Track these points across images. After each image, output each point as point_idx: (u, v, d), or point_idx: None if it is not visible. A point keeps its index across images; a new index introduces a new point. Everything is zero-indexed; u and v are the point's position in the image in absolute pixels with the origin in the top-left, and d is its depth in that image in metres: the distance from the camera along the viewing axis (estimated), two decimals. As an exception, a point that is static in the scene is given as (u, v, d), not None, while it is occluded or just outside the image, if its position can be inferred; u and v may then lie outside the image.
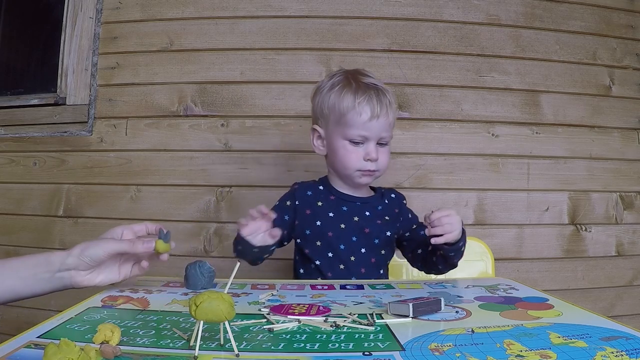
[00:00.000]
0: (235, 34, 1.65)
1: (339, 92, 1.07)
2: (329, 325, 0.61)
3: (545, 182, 1.65)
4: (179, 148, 1.63)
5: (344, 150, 1.07)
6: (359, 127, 1.05)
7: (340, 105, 1.06)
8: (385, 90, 1.08)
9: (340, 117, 1.06)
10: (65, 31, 1.72)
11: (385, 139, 1.08)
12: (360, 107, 1.04)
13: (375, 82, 1.08)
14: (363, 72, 1.12)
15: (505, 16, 1.68)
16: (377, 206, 1.15)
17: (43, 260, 0.74)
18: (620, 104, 1.71)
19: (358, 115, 1.04)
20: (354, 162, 1.07)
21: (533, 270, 1.63)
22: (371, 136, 1.06)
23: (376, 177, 1.12)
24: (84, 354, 0.45)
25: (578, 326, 0.60)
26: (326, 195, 1.14)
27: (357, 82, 1.07)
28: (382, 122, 1.05)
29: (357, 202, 1.13)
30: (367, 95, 1.05)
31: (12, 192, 1.67)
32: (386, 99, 1.06)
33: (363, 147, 1.07)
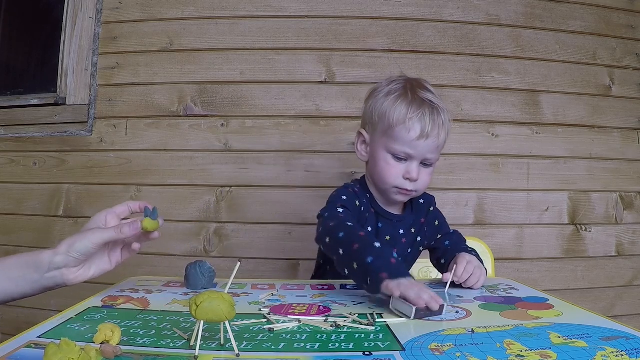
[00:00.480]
0: (235, 34, 1.65)
1: (394, 101, 1.00)
2: (329, 325, 0.61)
3: (545, 182, 1.65)
4: (179, 148, 1.63)
5: (384, 163, 1.02)
6: (406, 144, 0.99)
7: (391, 117, 0.99)
8: (441, 109, 1.01)
9: (389, 128, 1.00)
10: (65, 31, 1.72)
11: (430, 160, 1.02)
12: (411, 124, 0.97)
13: (432, 99, 1.01)
14: (424, 85, 1.05)
15: (505, 16, 1.68)
16: (410, 219, 1.10)
17: (32, 261, 0.72)
18: (620, 104, 1.71)
19: (407, 131, 0.98)
20: (393, 178, 1.01)
21: (533, 270, 1.63)
22: (416, 155, 1.00)
23: (412, 197, 1.06)
24: (85, 354, 0.45)
25: (578, 326, 0.60)
26: (368, 207, 1.07)
27: (413, 95, 1.01)
28: (430, 142, 0.98)
29: (394, 220, 1.08)
30: (420, 111, 0.98)
31: (12, 192, 1.67)
32: (440, 118, 0.99)
33: (406, 164, 1.01)
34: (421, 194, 1.07)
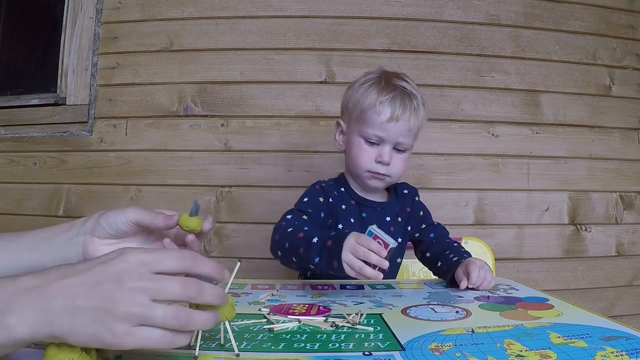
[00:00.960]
0: (235, 34, 1.65)
1: (367, 88, 1.04)
2: (329, 325, 0.61)
3: (545, 182, 1.65)
4: (179, 148, 1.63)
5: (357, 148, 1.05)
6: (376, 126, 1.01)
7: (364, 102, 1.03)
8: (414, 95, 1.04)
9: (361, 113, 1.03)
10: (65, 31, 1.72)
11: (403, 144, 1.04)
12: (381, 107, 1.01)
13: (405, 86, 1.04)
14: (400, 75, 1.08)
15: (505, 16, 1.68)
16: (396, 207, 1.12)
17: (67, 225, 0.65)
18: (620, 104, 1.71)
19: (377, 114, 1.01)
20: (365, 161, 1.04)
21: (533, 270, 1.63)
22: (387, 138, 1.02)
23: (388, 183, 1.08)
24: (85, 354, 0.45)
25: (578, 326, 0.60)
26: (347, 199, 1.09)
27: (386, 82, 1.04)
28: (401, 125, 1.01)
29: (377, 208, 1.10)
30: (391, 95, 1.01)
31: (12, 192, 1.67)
32: (412, 103, 1.02)
33: (378, 148, 1.03)
34: (396, 179, 1.09)
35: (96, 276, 0.44)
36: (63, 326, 0.42)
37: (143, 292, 0.44)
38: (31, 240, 0.64)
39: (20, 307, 0.42)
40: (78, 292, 0.43)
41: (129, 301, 0.43)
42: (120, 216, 0.63)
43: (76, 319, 0.42)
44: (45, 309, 0.42)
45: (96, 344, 0.43)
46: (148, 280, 0.45)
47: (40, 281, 0.43)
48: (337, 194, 1.08)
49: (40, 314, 0.42)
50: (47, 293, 0.43)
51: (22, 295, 0.42)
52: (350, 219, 1.07)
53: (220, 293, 0.49)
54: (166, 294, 0.45)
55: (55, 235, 0.64)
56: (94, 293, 0.43)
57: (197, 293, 0.46)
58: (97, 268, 0.45)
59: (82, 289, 0.43)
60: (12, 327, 0.41)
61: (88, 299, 0.43)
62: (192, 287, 0.46)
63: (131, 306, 0.43)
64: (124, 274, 0.44)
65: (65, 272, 0.45)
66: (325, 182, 1.11)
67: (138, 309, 0.43)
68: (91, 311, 0.43)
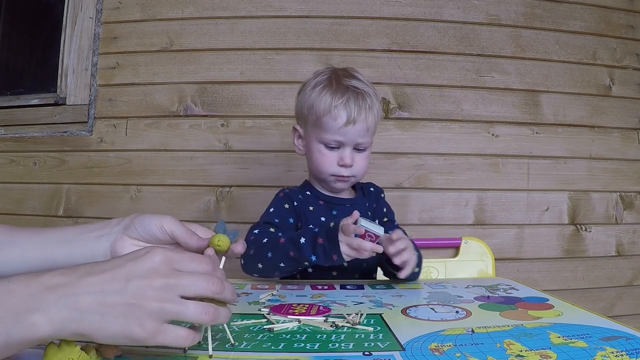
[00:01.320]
0: (235, 34, 1.65)
1: (319, 92, 1.03)
2: (329, 325, 0.61)
3: (545, 182, 1.65)
4: (179, 148, 1.63)
5: (318, 154, 1.05)
6: (334, 132, 1.01)
7: (318, 108, 1.02)
8: (366, 93, 1.03)
9: (317, 119, 1.03)
10: (65, 31, 1.72)
11: (362, 144, 1.04)
12: (337, 112, 1.00)
13: (357, 85, 1.03)
14: (349, 73, 1.08)
15: (505, 16, 1.68)
16: (365, 202, 1.14)
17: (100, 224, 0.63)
18: (620, 104, 1.71)
19: (333, 119, 1.00)
20: (328, 166, 1.04)
21: (533, 270, 1.63)
22: (347, 141, 1.02)
23: (353, 182, 1.09)
24: (84, 354, 0.45)
25: (578, 326, 0.60)
26: (315, 201, 1.11)
27: (337, 84, 1.03)
28: (358, 127, 1.01)
29: (346, 205, 1.11)
30: (344, 98, 1.00)
31: (12, 192, 1.67)
32: (366, 102, 1.02)
33: (338, 151, 1.04)
34: (361, 177, 1.10)
35: (126, 273, 0.45)
36: (92, 323, 0.42)
37: (174, 288, 0.45)
38: (59, 235, 0.63)
39: (46, 304, 0.42)
40: (108, 289, 0.43)
41: (162, 297, 0.44)
42: (156, 221, 0.61)
43: (106, 315, 0.43)
44: (72, 306, 0.42)
45: (125, 340, 0.44)
46: (177, 277, 0.46)
47: (66, 278, 0.44)
48: (303, 198, 1.10)
49: (67, 311, 0.42)
50: (74, 290, 0.43)
51: (47, 292, 0.42)
52: (320, 218, 1.08)
53: (234, 290, 0.50)
54: (195, 290, 0.46)
55: (85, 232, 0.63)
56: (125, 289, 0.44)
57: (221, 289, 0.48)
58: (127, 265, 0.45)
59: (113, 285, 0.44)
60: (36, 324, 0.41)
61: (119, 295, 0.43)
62: (217, 284, 0.47)
63: (165, 302, 0.44)
64: (154, 270, 0.45)
65: (93, 269, 0.45)
66: (288, 189, 1.13)
67: (172, 305, 0.45)
68: (122, 307, 0.43)
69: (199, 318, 0.46)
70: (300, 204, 1.09)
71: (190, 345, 0.46)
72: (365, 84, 1.05)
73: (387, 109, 1.63)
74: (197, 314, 0.45)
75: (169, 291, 0.45)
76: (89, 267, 0.45)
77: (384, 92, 1.63)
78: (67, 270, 0.45)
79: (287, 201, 1.09)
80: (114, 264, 0.46)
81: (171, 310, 0.45)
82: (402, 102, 1.63)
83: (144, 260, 0.46)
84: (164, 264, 0.46)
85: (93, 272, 0.45)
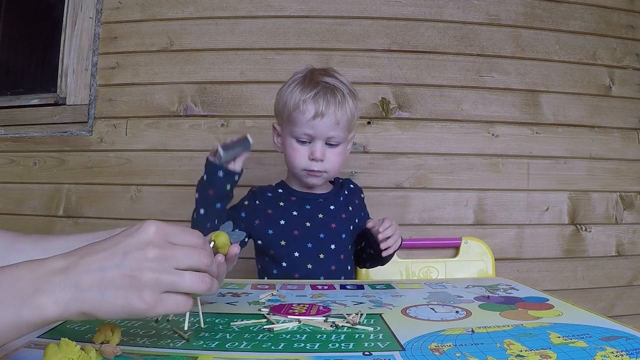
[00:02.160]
0: (235, 34, 1.65)
1: (292, 89, 1.06)
2: (329, 325, 0.61)
3: (545, 182, 1.65)
4: (179, 148, 1.63)
5: (291, 149, 1.08)
6: (303, 125, 1.04)
7: (289, 103, 1.05)
8: (337, 88, 1.05)
9: (289, 114, 1.06)
10: (65, 31, 1.72)
11: (334, 139, 1.06)
12: (305, 106, 1.03)
13: (328, 80, 1.05)
14: (325, 71, 1.10)
15: (505, 16, 1.68)
16: (339, 197, 1.15)
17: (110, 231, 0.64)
18: (620, 104, 1.71)
19: (302, 113, 1.03)
20: (299, 160, 1.06)
21: (533, 270, 1.63)
22: (316, 135, 1.04)
23: (326, 178, 1.11)
24: (84, 354, 0.45)
25: (578, 326, 0.60)
26: (287, 197, 1.13)
27: (310, 80, 1.06)
28: (327, 121, 1.03)
29: (319, 199, 1.13)
30: (313, 92, 1.03)
31: (12, 192, 1.67)
32: (336, 97, 1.03)
33: (309, 146, 1.06)
34: (334, 173, 1.12)
35: (122, 248, 0.46)
36: (93, 300, 0.44)
37: (169, 259, 0.47)
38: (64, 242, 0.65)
39: (52, 286, 0.43)
40: (106, 265, 0.45)
41: (158, 268, 0.46)
42: None
43: (106, 291, 0.44)
44: (74, 285, 0.44)
45: (127, 313, 0.45)
46: (171, 249, 0.47)
47: (68, 260, 0.46)
48: (272, 195, 1.12)
49: (70, 290, 0.44)
50: (75, 270, 0.45)
51: (52, 275, 0.44)
52: (292, 212, 1.10)
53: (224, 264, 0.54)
54: (188, 262, 0.48)
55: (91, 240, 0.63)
56: (121, 264, 0.45)
57: (211, 262, 0.50)
58: (122, 241, 0.47)
59: (110, 261, 0.45)
60: (43, 305, 0.43)
61: (116, 270, 0.45)
62: (207, 257, 0.49)
63: (161, 273, 0.46)
64: (149, 242, 0.47)
65: (91, 248, 0.47)
66: (258, 187, 1.17)
67: (168, 276, 0.46)
68: (121, 281, 0.45)
69: (195, 287, 0.47)
70: (267, 201, 1.12)
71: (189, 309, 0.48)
72: (338, 80, 1.07)
73: (387, 109, 1.63)
74: (193, 283, 0.47)
75: (164, 262, 0.46)
76: (88, 247, 0.47)
77: (384, 92, 1.63)
78: (69, 253, 0.47)
79: (249, 199, 1.13)
80: (112, 241, 0.47)
81: (168, 280, 0.46)
82: (402, 102, 1.63)
83: (139, 233, 0.47)
84: (157, 236, 0.47)
85: (92, 251, 0.46)
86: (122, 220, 1.59)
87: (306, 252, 1.07)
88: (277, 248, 1.08)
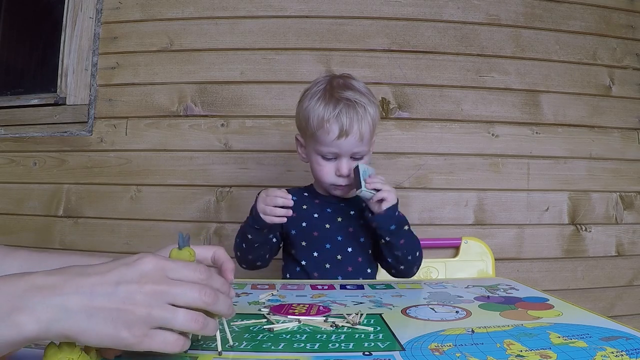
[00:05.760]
0: (235, 34, 1.65)
1: (313, 105, 1.05)
2: (329, 325, 0.61)
3: (545, 182, 1.65)
4: (179, 148, 1.63)
5: (317, 165, 1.09)
6: (329, 144, 1.04)
7: (312, 121, 1.05)
8: (359, 102, 1.04)
9: (313, 132, 1.06)
10: (65, 31, 1.72)
11: (359, 153, 1.07)
12: (329, 125, 1.02)
13: (349, 96, 1.04)
14: (344, 83, 1.08)
15: (505, 16, 1.68)
16: (361, 203, 1.14)
17: None
18: (620, 104, 1.71)
19: (327, 133, 1.03)
20: (327, 176, 1.08)
21: (533, 270, 1.63)
22: (342, 152, 1.05)
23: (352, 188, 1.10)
24: (84, 354, 0.45)
25: (578, 326, 0.60)
26: (311, 200, 1.16)
27: (330, 96, 1.05)
28: (351, 140, 1.03)
29: (341, 203, 1.15)
30: (336, 111, 1.02)
31: (12, 192, 1.67)
32: (358, 113, 1.03)
33: (335, 162, 1.07)
34: None
35: (117, 276, 0.44)
36: (78, 324, 0.42)
37: (164, 295, 0.44)
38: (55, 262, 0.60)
39: (32, 303, 0.41)
40: (97, 292, 0.43)
41: (151, 303, 0.44)
42: None
43: (92, 318, 0.42)
44: (58, 306, 0.41)
45: (113, 344, 0.43)
46: (168, 284, 0.45)
47: (55, 279, 0.43)
48: (297, 198, 1.11)
49: (53, 311, 0.41)
50: (62, 290, 0.42)
51: (34, 292, 0.41)
52: (314, 214, 1.13)
53: (231, 304, 0.50)
54: (185, 299, 0.45)
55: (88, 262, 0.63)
56: (114, 293, 0.43)
57: (213, 300, 0.47)
58: (119, 269, 0.45)
59: (102, 288, 0.43)
60: (22, 324, 0.40)
61: (108, 298, 0.43)
62: (210, 295, 0.46)
63: (153, 308, 0.44)
64: (145, 276, 0.45)
65: (84, 270, 0.44)
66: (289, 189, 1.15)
67: (160, 312, 0.44)
68: (110, 311, 0.42)
69: (187, 326, 0.45)
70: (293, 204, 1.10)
71: (180, 351, 0.45)
72: (358, 92, 1.06)
73: (387, 109, 1.63)
74: (185, 322, 0.45)
75: (158, 298, 0.44)
76: (80, 268, 0.45)
77: (384, 92, 1.63)
78: (57, 271, 0.44)
79: None
80: (107, 267, 0.45)
81: (159, 317, 0.44)
82: (402, 102, 1.63)
83: (136, 265, 0.45)
84: (155, 271, 0.45)
85: (83, 273, 0.44)
86: (122, 220, 1.60)
87: (325, 253, 1.10)
88: (298, 248, 1.12)
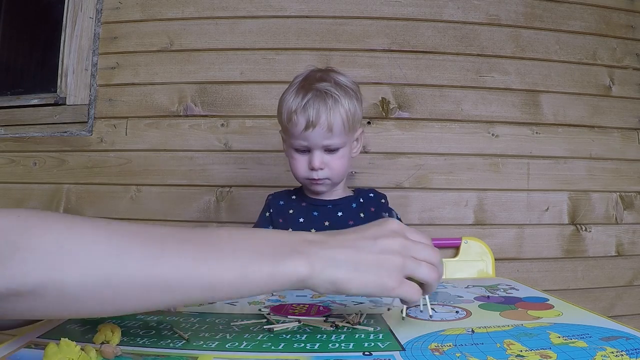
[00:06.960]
0: (235, 34, 1.65)
1: (287, 98, 1.03)
2: (329, 325, 0.61)
3: (545, 182, 1.65)
4: (179, 148, 1.63)
5: (292, 159, 1.06)
6: (298, 136, 1.01)
7: (283, 114, 1.03)
8: (329, 93, 0.98)
9: (285, 125, 1.04)
10: (65, 31, 1.72)
11: (331, 145, 1.01)
12: (296, 117, 0.99)
13: (320, 86, 1.00)
14: (321, 76, 1.03)
15: (505, 16, 1.68)
16: (351, 204, 1.12)
17: None
18: (620, 104, 1.71)
19: (295, 125, 1.00)
20: (300, 170, 1.04)
21: (533, 270, 1.63)
22: (312, 145, 1.01)
23: (331, 184, 1.08)
24: (84, 354, 0.45)
25: (578, 326, 0.60)
26: (298, 203, 1.12)
27: (301, 87, 1.02)
28: (319, 131, 0.98)
29: (328, 206, 1.11)
30: (304, 102, 0.99)
31: (12, 192, 1.67)
32: (326, 103, 0.97)
33: (308, 155, 1.03)
34: (339, 179, 1.09)
35: (372, 234, 0.53)
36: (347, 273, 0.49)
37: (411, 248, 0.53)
38: None
39: (309, 251, 0.49)
40: (359, 245, 0.51)
41: (403, 253, 0.52)
42: None
43: (358, 267, 0.49)
44: (329, 257, 0.49)
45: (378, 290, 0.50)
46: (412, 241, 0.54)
47: (322, 237, 0.52)
48: (284, 202, 1.11)
49: (324, 260, 0.49)
50: (330, 244, 0.50)
51: (308, 243, 0.50)
52: (299, 219, 1.09)
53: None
54: (424, 255, 0.54)
55: None
56: (373, 246, 0.51)
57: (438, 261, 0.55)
58: (372, 228, 0.54)
59: (364, 242, 0.51)
60: (299, 265, 0.48)
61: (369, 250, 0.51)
62: (437, 254, 0.56)
63: (405, 258, 0.52)
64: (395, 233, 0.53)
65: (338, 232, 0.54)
66: (273, 194, 1.15)
67: (410, 262, 0.52)
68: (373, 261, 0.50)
69: (428, 277, 0.53)
70: (279, 210, 1.11)
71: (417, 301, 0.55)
72: (332, 83, 1.01)
73: (387, 109, 1.63)
74: (427, 272, 0.53)
75: (407, 250, 0.52)
76: (333, 231, 0.54)
77: (384, 92, 1.63)
78: (321, 232, 0.54)
79: (267, 209, 1.13)
80: (359, 228, 0.54)
81: (410, 266, 0.52)
82: (402, 102, 1.63)
83: (386, 224, 0.55)
84: (400, 230, 0.54)
85: (341, 233, 0.53)
86: (122, 220, 1.59)
87: None
88: None
